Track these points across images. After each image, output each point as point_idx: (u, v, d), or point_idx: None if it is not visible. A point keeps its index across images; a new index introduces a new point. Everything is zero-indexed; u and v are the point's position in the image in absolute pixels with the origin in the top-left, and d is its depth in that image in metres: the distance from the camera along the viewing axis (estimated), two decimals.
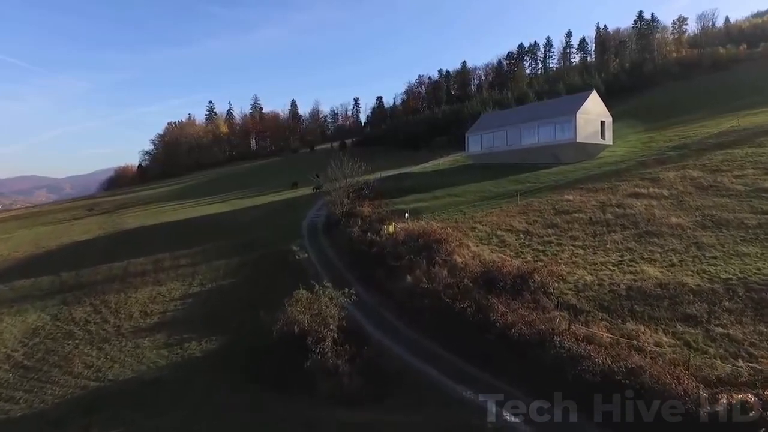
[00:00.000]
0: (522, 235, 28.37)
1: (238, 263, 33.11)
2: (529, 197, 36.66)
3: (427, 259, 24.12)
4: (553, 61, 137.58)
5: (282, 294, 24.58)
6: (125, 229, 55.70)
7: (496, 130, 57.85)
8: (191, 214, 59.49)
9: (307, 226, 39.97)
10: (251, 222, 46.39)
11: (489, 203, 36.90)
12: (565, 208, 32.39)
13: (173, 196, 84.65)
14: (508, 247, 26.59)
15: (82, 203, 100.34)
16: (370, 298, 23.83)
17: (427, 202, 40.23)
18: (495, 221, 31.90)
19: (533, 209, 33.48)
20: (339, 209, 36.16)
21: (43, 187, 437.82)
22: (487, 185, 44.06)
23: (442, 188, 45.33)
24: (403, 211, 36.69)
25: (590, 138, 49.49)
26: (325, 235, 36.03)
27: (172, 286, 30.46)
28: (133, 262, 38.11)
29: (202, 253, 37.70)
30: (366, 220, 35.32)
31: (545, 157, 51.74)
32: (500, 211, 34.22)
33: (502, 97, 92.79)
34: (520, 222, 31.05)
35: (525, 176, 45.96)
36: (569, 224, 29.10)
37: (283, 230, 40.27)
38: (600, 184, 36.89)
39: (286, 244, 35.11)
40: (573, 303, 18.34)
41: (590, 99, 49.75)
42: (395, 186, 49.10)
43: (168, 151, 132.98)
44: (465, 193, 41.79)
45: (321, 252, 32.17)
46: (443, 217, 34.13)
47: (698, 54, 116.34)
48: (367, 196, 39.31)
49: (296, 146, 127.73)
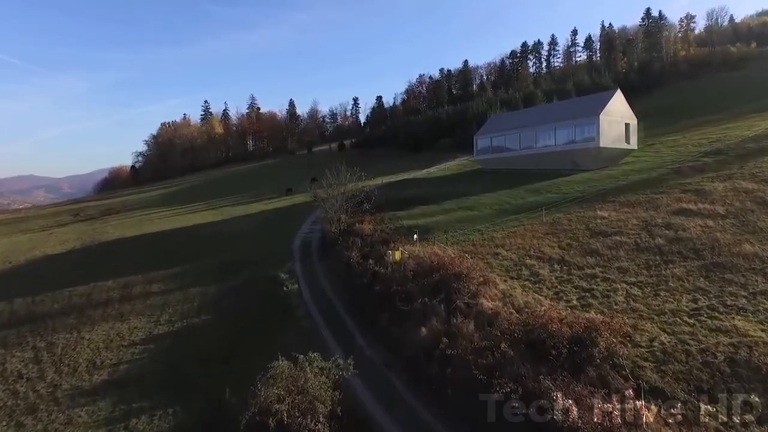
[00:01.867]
0: (557, 265, 23.01)
1: (217, 293, 27.75)
2: (554, 212, 31.33)
3: (445, 303, 18.79)
4: (557, 60, 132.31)
5: (264, 341, 19.34)
6: (103, 241, 50.31)
7: (508, 132, 52.48)
8: (176, 223, 54.08)
9: (299, 245, 34.59)
10: (238, 236, 40.99)
11: (509, 219, 31.55)
12: (602, 228, 27.08)
13: (162, 201, 79.20)
14: (544, 283, 21.23)
15: (69, 208, 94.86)
16: (374, 353, 18.49)
17: (436, 216, 34.86)
18: (520, 244, 26.54)
19: (563, 228, 28.16)
20: (335, 227, 30.78)
21: (42, 186, 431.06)
22: (502, 196, 38.70)
23: (451, 199, 39.94)
24: (409, 229, 31.36)
25: (614, 142, 44.18)
26: (319, 258, 30.66)
27: (136, 324, 25.07)
28: (99, 287, 32.75)
29: (179, 277, 32.35)
30: (366, 239, 29.96)
31: (563, 162, 46.45)
32: (524, 231, 28.88)
33: (508, 96, 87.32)
34: (551, 246, 25.70)
35: (543, 185, 40.65)
36: (612, 251, 23.76)
37: (273, 248, 34.93)
38: (634, 197, 31.62)
39: (275, 267, 29.76)
40: (657, 384, 13.02)
41: (614, 99, 44.39)
42: (399, 196, 43.70)
43: (161, 152, 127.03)
44: (479, 206, 36.43)
45: (314, 281, 26.79)
46: (457, 238, 28.77)
47: (709, 52, 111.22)
48: (368, 210, 33.90)
49: (293, 147, 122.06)
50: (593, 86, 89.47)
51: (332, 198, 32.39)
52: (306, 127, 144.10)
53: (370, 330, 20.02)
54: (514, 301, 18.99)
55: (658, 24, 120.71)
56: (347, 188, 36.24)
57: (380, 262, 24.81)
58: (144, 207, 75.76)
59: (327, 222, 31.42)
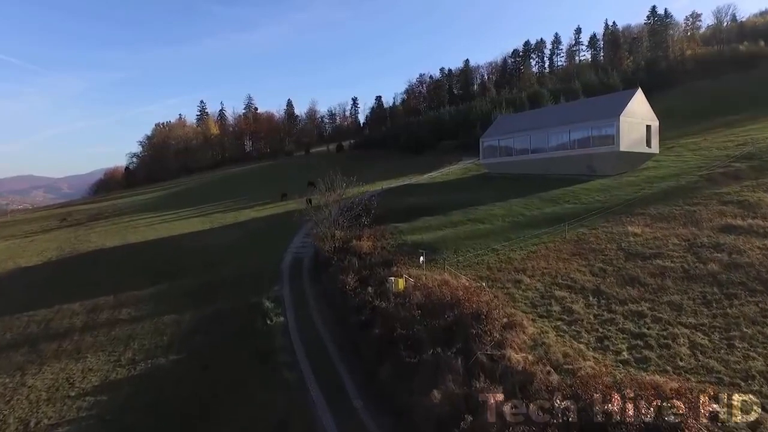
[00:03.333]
0: (593, 298, 18.99)
1: (192, 322, 23.72)
2: (576, 226, 27.31)
3: (463, 354, 14.79)
4: (561, 59, 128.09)
5: (241, 398, 15.44)
6: (82, 251, 46.24)
7: (517, 134, 48.43)
8: (161, 232, 50.01)
9: (290, 262, 30.54)
10: (225, 250, 36.93)
11: (525, 235, 27.50)
12: (637, 248, 23.09)
13: (153, 206, 74.98)
14: (581, 324, 17.19)
15: (57, 212, 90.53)
16: (374, 419, 14.48)
17: (443, 230, 30.82)
18: (545, 269, 22.53)
19: (591, 248, 24.17)
20: (329, 245, 26.70)
21: (41, 187, 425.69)
22: (515, 206, 34.68)
23: (458, 208, 35.90)
24: (413, 246, 27.34)
25: (634, 146, 40.14)
26: (311, 280, 26.61)
27: (92, 363, 21.04)
28: (63, 311, 28.73)
29: (153, 300, 28.33)
30: (365, 259, 25.93)
31: (577, 167, 42.42)
32: (546, 250, 24.86)
33: (513, 96, 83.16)
34: (581, 271, 21.71)
35: (558, 193, 36.65)
36: (657, 279, 19.77)
37: (260, 266, 30.89)
38: (667, 210, 27.66)
39: (260, 291, 25.76)
40: None
41: (635, 99, 40.35)
42: (401, 205, 39.67)
43: (155, 153, 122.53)
44: (490, 217, 32.40)
45: (303, 311, 22.72)
46: (469, 259, 24.74)
47: (718, 51, 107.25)
48: (366, 224, 29.79)
49: (290, 149, 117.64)
50: (600, 86, 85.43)
51: (325, 210, 28.27)
52: (304, 127, 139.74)
53: (369, 384, 16.00)
54: (549, 352, 14.98)
55: (664, 22, 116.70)
56: (343, 197, 32.27)
57: (381, 291, 20.81)
58: (133, 212, 71.60)
59: (319, 239, 27.27)
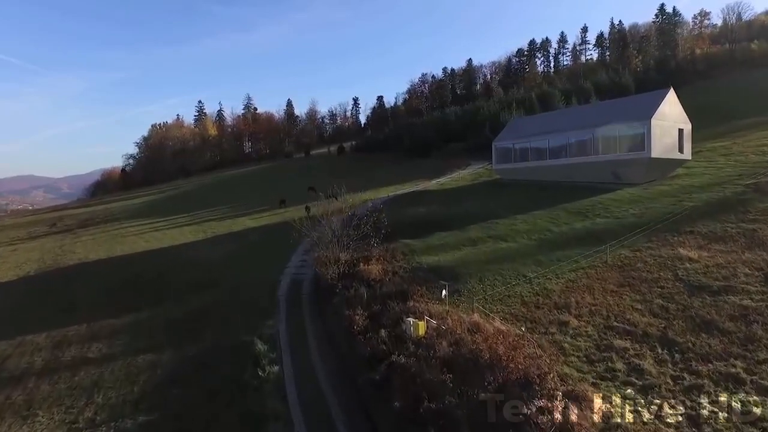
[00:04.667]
0: (664, 351, 15.00)
1: (169, 369, 19.76)
2: (616, 247, 23.36)
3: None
4: (567, 59, 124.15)
5: None
6: (63, 265, 42.34)
7: (533, 138, 44.43)
8: (151, 243, 46.09)
9: (287, 287, 26.54)
10: (216, 267, 32.98)
11: (558, 257, 23.53)
12: (699, 278, 19.17)
13: (146, 211, 70.99)
14: (659, 392, 13.21)
15: (48, 216, 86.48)
16: None
17: (462, 249, 26.84)
18: (591, 305, 18.59)
19: (641, 277, 20.24)
20: (332, 270, 22.72)
21: (41, 187, 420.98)
22: (539, 219, 30.73)
23: (476, 222, 31.95)
24: (430, 270, 23.43)
25: (666, 152, 36.14)
26: (312, 312, 22.62)
27: (43, 425, 17.07)
28: (25, 343, 24.83)
29: (128, 332, 24.42)
30: (375, 287, 22.02)
31: (601, 175, 38.46)
32: (587, 279, 20.93)
33: (522, 97, 79.11)
34: (638, 310, 17.75)
35: (585, 205, 32.71)
36: (739, 324, 15.81)
37: (254, 289, 26.94)
38: (720, 227, 23.75)
39: (252, 326, 21.81)
40: None
41: (667, 100, 36.31)
42: (411, 216, 35.74)
43: (151, 155, 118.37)
44: (513, 234, 28.44)
45: (303, 358, 18.71)
46: (499, 291, 20.77)
47: (729, 50, 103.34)
48: (374, 242, 25.79)
49: (290, 150, 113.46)
50: (612, 85, 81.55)
51: (327, 229, 24.26)
52: (304, 128, 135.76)
53: None
54: None
55: (672, 21, 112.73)
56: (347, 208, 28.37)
57: (396, 335, 16.91)
58: (124, 218, 67.63)
59: (321, 264, 23.26)
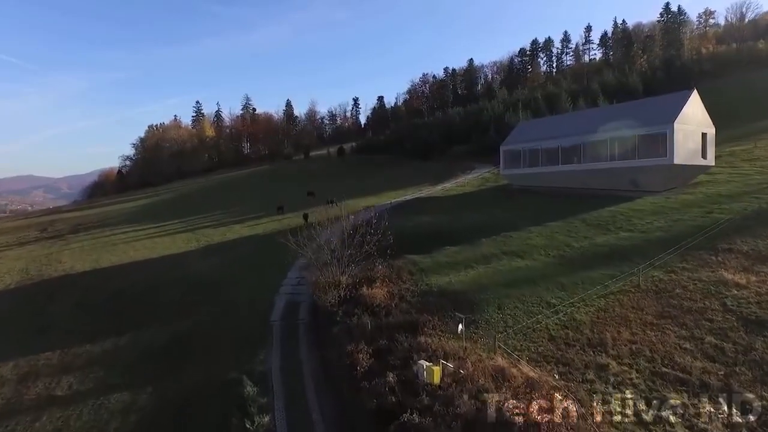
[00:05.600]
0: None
1: (144, 415, 17.15)
2: (649, 270, 20.72)
3: None
4: (570, 59, 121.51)
5: None
6: (46, 277, 39.72)
7: (544, 142, 41.84)
8: (141, 253, 43.45)
9: (282, 311, 23.88)
10: (206, 283, 30.35)
11: (582, 279, 20.90)
12: (752, 309, 16.56)
13: (140, 216, 68.27)
14: None
15: (40, 220, 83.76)
16: None
17: (475, 267, 24.19)
18: (631, 343, 15.95)
19: (682, 306, 17.62)
20: (332, 295, 20.09)
21: (40, 187, 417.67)
22: (555, 232, 28.12)
23: (486, 233, 29.34)
24: (440, 295, 20.82)
25: (690, 158, 33.57)
26: (309, 344, 19.94)
27: None
28: None
29: (104, 363, 21.82)
30: (380, 315, 19.44)
31: (618, 182, 35.97)
32: (620, 307, 18.30)
33: (527, 97, 76.45)
34: (687, 350, 15.11)
35: (604, 216, 30.13)
36: None
37: (245, 312, 24.34)
38: (761, 243, 21.25)
39: (241, 359, 19.22)
40: None
41: (690, 102, 33.73)
42: (415, 227, 33.14)
43: (148, 156, 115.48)
44: (529, 250, 25.80)
45: (298, 405, 15.99)
46: (522, 324, 18.13)
47: (736, 50, 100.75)
48: (378, 263, 23.16)
49: (289, 152, 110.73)
50: (619, 86, 78.99)
51: (327, 250, 21.58)
52: (303, 128, 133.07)
53: None
54: None
55: (678, 20, 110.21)
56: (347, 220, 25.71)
57: (406, 380, 14.34)
58: (117, 223, 64.93)
59: (318, 289, 20.59)
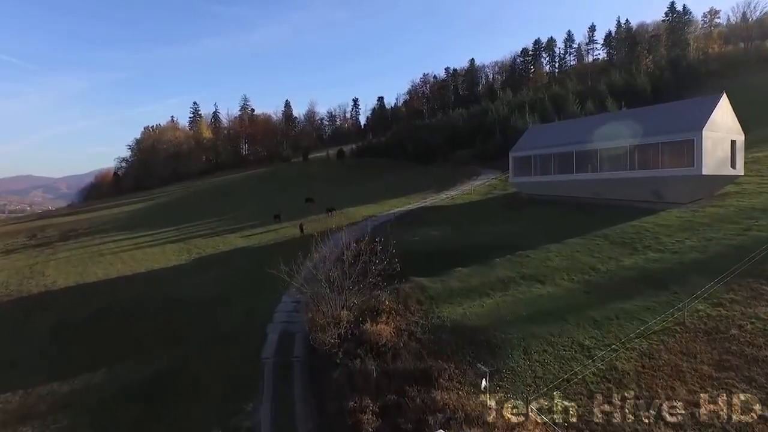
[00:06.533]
0: None
1: None
2: (692, 302, 17.96)
3: None
4: (573, 59, 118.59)
5: None
6: (26, 294, 36.85)
7: (556, 148, 39.07)
8: (128, 266, 40.59)
9: (275, 344, 21.08)
10: (193, 305, 27.54)
11: (616, 312, 18.13)
12: None
13: (131, 222, 65.28)
14: None
15: (31, 225, 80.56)
16: None
17: (491, 296, 21.36)
18: (690, 404, 13.18)
19: (744, 354, 14.86)
20: (331, 335, 17.29)
21: (39, 187, 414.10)
22: (576, 251, 25.36)
23: (499, 251, 26.58)
24: (454, 332, 18.04)
25: (718, 168, 30.81)
26: (305, 391, 17.14)
27: None
28: None
29: (70, 408, 19.02)
30: (386, 357, 16.70)
31: (638, 192, 33.26)
32: (667, 353, 15.55)
33: (533, 99, 73.62)
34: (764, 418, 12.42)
35: (627, 231, 27.42)
36: None
37: (234, 346, 21.57)
38: None
39: (224, 410, 16.44)
40: None
41: (720, 108, 30.98)
42: (420, 242, 30.38)
43: (143, 159, 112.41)
44: (550, 273, 23.03)
45: None
46: (553, 371, 15.38)
47: (744, 49, 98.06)
48: (383, 284, 20.37)
49: (287, 154, 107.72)
50: (626, 87, 76.17)
51: (324, 284, 18.75)
52: (303, 129, 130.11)
53: None
54: None
55: (683, 20, 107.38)
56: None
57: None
58: (108, 230, 61.97)
59: (315, 327, 17.77)
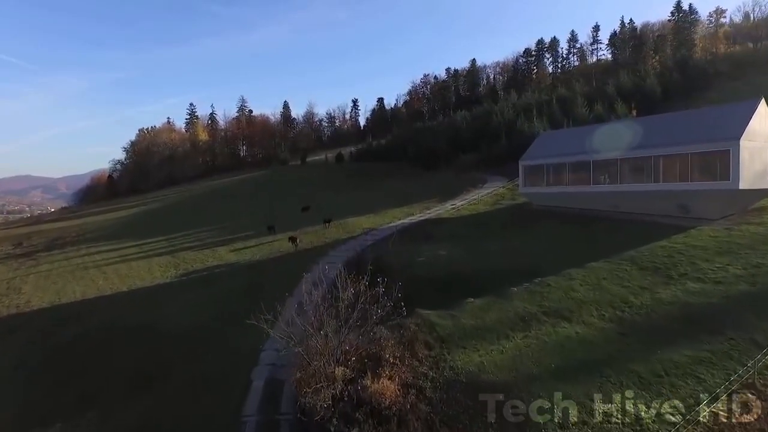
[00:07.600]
0: None
1: None
2: (762, 355, 14.80)
3: None
4: (577, 59, 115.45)
5: None
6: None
7: (570, 157, 35.94)
8: (110, 283, 37.52)
9: (260, 396, 17.96)
10: (172, 336, 24.43)
11: (666, 367, 15.02)
12: None
13: (119, 231, 62.06)
14: None
15: (18, 232, 77.51)
16: None
17: (512, 338, 18.24)
18: None
19: None
20: (323, 398, 14.15)
21: (39, 187, 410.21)
22: (603, 278, 22.21)
23: (517, 279, 23.39)
24: (468, 388, 14.93)
25: (756, 181, 27.59)
26: None
27: None
28: None
29: None
30: (391, 424, 13.63)
31: (663, 206, 30.13)
32: (740, 428, 12.49)
33: (539, 101, 70.46)
34: None
35: (657, 253, 24.28)
36: None
37: (213, 395, 18.46)
38: None
39: None
40: None
41: (758, 114, 27.76)
42: (429, 266, 27.21)
43: (138, 161, 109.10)
44: (576, 306, 19.89)
45: None
46: None
47: (753, 49, 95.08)
48: (384, 341, 17.18)
49: (285, 157, 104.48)
50: (634, 88, 73.04)
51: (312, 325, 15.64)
52: (301, 131, 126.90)
53: None
54: None
55: (689, 19, 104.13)
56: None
57: None
58: (97, 238, 58.91)
59: (306, 389, 14.54)
